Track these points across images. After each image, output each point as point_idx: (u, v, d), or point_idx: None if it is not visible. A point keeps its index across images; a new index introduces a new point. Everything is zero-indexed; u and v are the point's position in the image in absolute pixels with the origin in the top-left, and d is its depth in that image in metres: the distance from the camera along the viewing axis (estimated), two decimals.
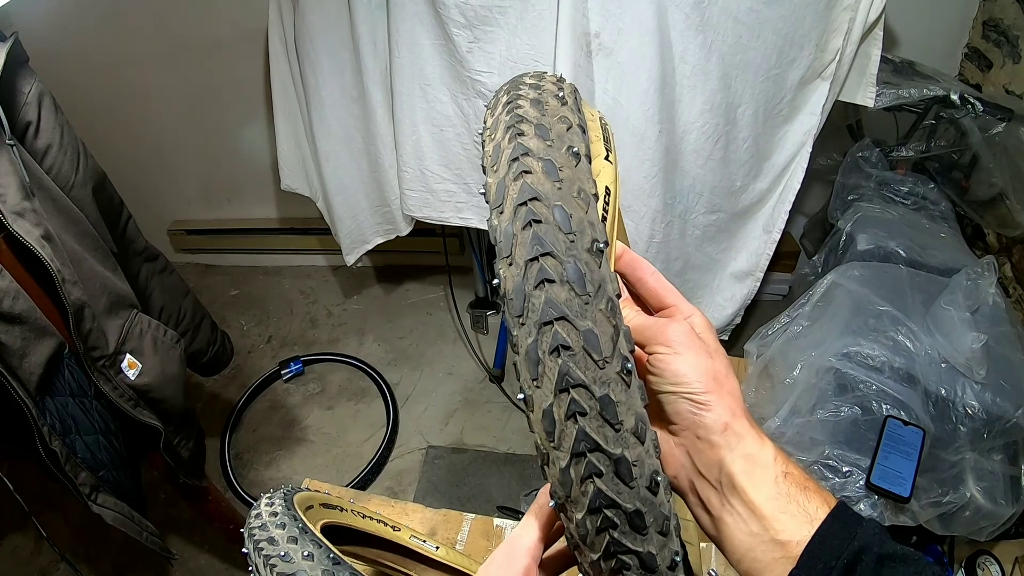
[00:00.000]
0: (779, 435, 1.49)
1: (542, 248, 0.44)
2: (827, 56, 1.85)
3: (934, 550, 1.50)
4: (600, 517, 0.44)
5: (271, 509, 0.79)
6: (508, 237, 0.45)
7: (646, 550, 0.45)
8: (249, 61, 2.63)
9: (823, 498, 0.48)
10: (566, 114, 0.51)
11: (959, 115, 1.96)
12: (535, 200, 0.45)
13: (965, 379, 1.44)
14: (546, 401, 0.43)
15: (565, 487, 0.44)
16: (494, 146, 0.50)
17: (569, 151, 0.48)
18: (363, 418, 2.71)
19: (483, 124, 0.56)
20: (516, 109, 0.51)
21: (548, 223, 0.44)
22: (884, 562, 0.45)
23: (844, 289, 1.65)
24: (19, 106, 1.31)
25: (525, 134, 0.49)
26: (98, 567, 2.27)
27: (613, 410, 0.43)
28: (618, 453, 0.43)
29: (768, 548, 0.47)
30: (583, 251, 0.44)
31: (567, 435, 0.43)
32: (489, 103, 0.58)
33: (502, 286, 0.45)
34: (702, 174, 1.95)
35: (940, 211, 2.10)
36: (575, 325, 0.43)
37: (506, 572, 0.49)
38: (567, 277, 0.43)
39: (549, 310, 0.43)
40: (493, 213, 0.47)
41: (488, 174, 0.50)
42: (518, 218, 0.45)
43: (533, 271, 0.44)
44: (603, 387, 0.43)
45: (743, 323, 2.36)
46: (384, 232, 2.46)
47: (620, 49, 1.70)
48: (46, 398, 1.28)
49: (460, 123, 1.95)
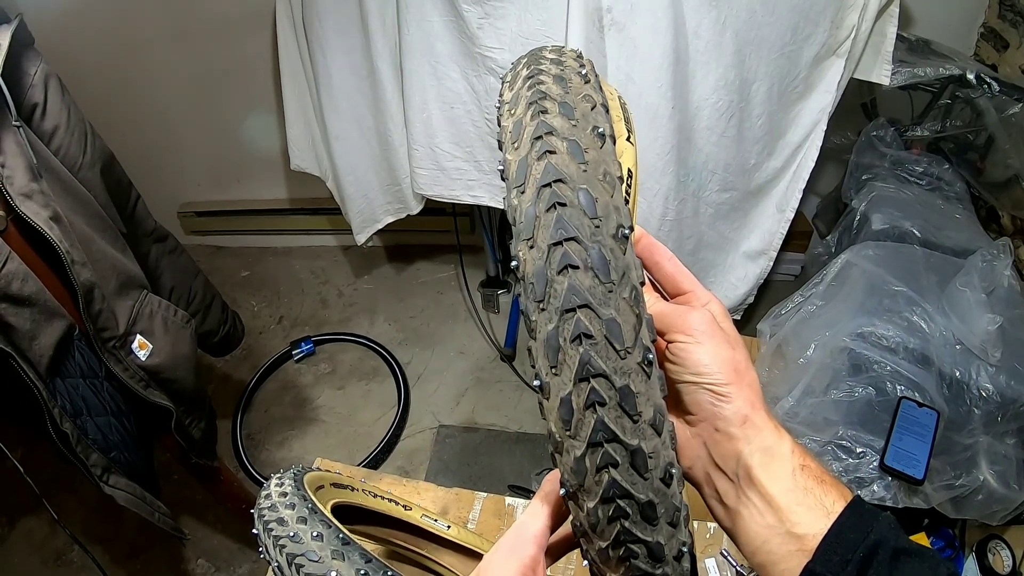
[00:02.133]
0: (792, 415, 1.48)
1: (566, 232, 0.42)
2: (842, 33, 1.82)
3: (946, 533, 1.49)
4: (613, 507, 0.43)
5: (281, 489, 0.79)
6: (530, 218, 0.44)
7: (655, 540, 0.44)
8: (257, 40, 2.61)
9: (840, 491, 0.48)
10: (590, 92, 0.50)
11: (975, 95, 1.94)
12: (559, 182, 0.44)
13: (980, 361, 1.43)
14: (564, 389, 0.42)
15: (579, 476, 0.43)
16: (515, 122, 0.48)
17: (594, 132, 0.47)
18: (374, 398, 2.72)
19: (500, 98, 0.54)
20: (538, 85, 0.50)
21: (573, 206, 0.43)
22: (900, 556, 0.44)
23: (858, 269, 1.63)
24: (25, 88, 1.30)
25: (548, 112, 0.47)
26: (112, 548, 2.30)
27: (632, 401, 0.42)
28: (635, 444, 0.42)
29: (783, 540, 0.47)
30: (608, 237, 0.43)
31: (584, 424, 0.42)
32: (506, 76, 0.56)
33: (521, 268, 0.44)
34: (715, 152, 1.93)
35: (955, 192, 2.08)
36: (598, 313, 0.42)
37: (513, 560, 0.49)
38: (591, 264, 0.42)
39: (572, 297, 0.42)
40: (513, 192, 0.46)
41: (507, 151, 0.48)
42: (541, 200, 0.44)
43: (557, 256, 0.42)
44: (623, 377, 0.42)
45: (755, 303, 2.34)
46: (394, 211, 2.45)
47: (632, 24, 1.68)
48: (56, 380, 1.28)
49: (471, 100, 1.94)
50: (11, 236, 1.20)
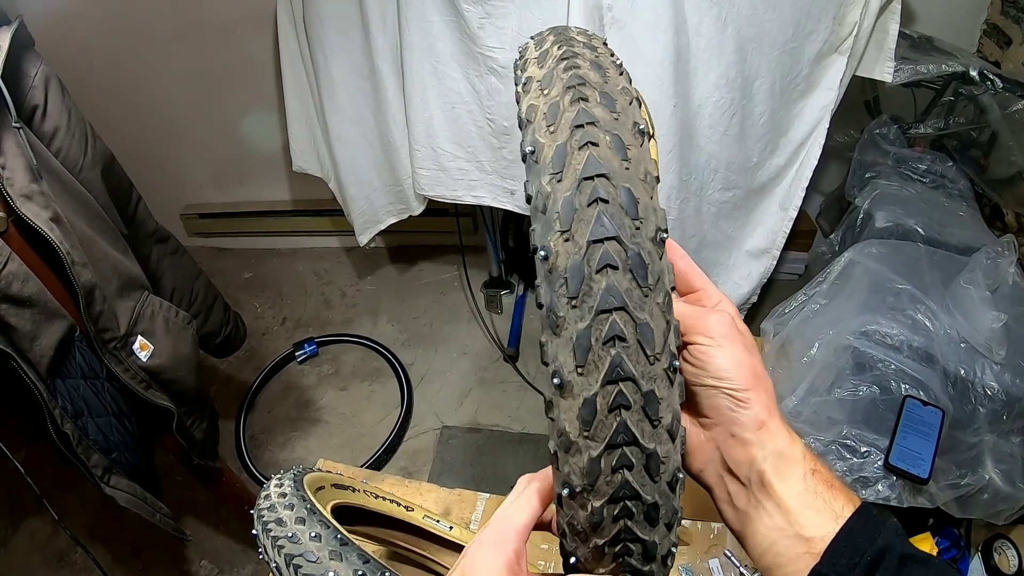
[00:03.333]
0: (796, 414, 1.47)
1: (608, 231, 0.41)
2: (844, 30, 1.81)
3: (951, 533, 1.48)
4: (619, 506, 0.43)
5: (280, 490, 0.79)
6: (568, 210, 0.42)
7: (651, 539, 0.45)
8: (258, 41, 2.61)
9: (848, 497, 0.48)
10: (626, 86, 0.49)
11: (978, 92, 1.93)
12: (603, 177, 0.42)
13: (985, 359, 1.42)
14: (590, 390, 0.41)
15: (591, 476, 0.43)
16: (550, 104, 0.46)
17: (635, 128, 0.46)
18: (377, 398, 2.72)
19: (521, 72, 0.53)
20: (575, 69, 0.48)
21: (615, 204, 0.42)
22: (907, 562, 0.45)
23: (862, 267, 1.62)
24: (25, 89, 1.31)
25: (589, 100, 0.46)
26: (115, 547, 2.30)
27: (655, 406, 0.42)
28: (651, 448, 0.43)
29: (792, 543, 0.47)
30: (647, 239, 0.43)
31: (605, 426, 0.42)
32: (527, 50, 0.55)
33: (552, 260, 0.43)
34: (718, 150, 1.92)
35: (958, 189, 2.07)
36: (633, 317, 0.41)
37: (499, 555, 0.48)
38: (631, 265, 0.42)
39: (609, 298, 0.41)
40: (546, 177, 0.44)
41: (538, 132, 0.46)
42: (582, 192, 0.42)
43: (596, 254, 0.41)
44: (650, 382, 0.42)
45: (759, 302, 2.34)
46: (397, 212, 2.45)
47: (633, 22, 1.68)
48: (57, 380, 1.28)
49: (472, 100, 1.93)
50: (12, 237, 1.20)
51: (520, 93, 0.51)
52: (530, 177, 0.46)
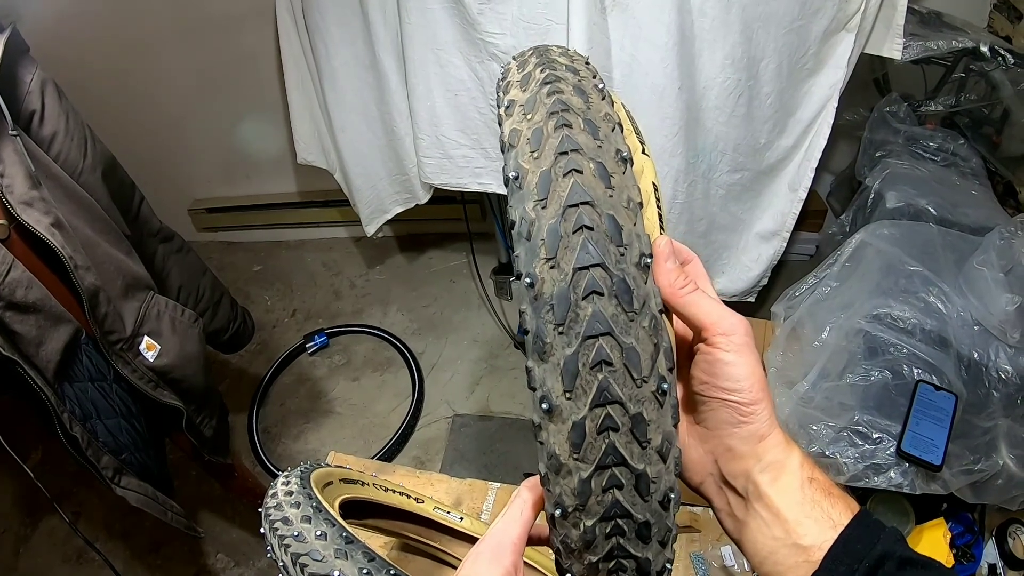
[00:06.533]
0: (808, 400, 1.46)
1: (593, 258, 0.42)
2: (852, 6, 1.78)
3: (965, 519, 1.46)
4: (611, 525, 0.44)
5: (287, 488, 0.80)
6: (553, 237, 0.43)
7: (645, 556, 0.46)
8: (259, 35, 2.60)
9: (846, 504, 0.48)
10: (608, 111, 0.50)
11: (989, 68, 1.90)
12: (587, 204, 0.43)
13: (999, 342, 1.40)
14: (578, 414, 0.42)
15: (582, 497, 0.43)
16: (533, 129, 0.47)
17: (618, 155, 0.47)
18: (389, 388, 2.73)
19: (503, 94, 0.53)
20: (558, 94, 0.49)
21: (599, 231, 0.43)
22: (906, 567, 0.45)
23: (873, 248, 1.60)
24: (22, 95, 1.30)
25: (572, 127, 0.46)
26: (133, 543, 2.33)
27: (644, 428, 0.43)
28: (640, 469, 0.43)
29: (790, 552, 0.47)
30: (631, 265, 0.44)
31: (594, 448, 0.43)
32: (509, 72, 0.55)
33: (538, 287, 0.43)
34: (725, 131, 1.91)
35: (971, 167, 2.03)
36: (619, 341, 0.42)
37: (496, 567, 0.49)
38: (616, 291, 0.42)
39: (596, 324, 0.42)
40: (531, 203, 0.45)
41: (521, 157, 0.47)
42: (567, 220, 0.43)
43: (582, 281, 0.42)
44: (638, 405, 0.43)
45: (770, 284, 2.31)
46: (403, 201, 2.45)
47: (636, 3, 1.66)
48: (64, 384, 1.28)
49: (475, 87, 1.92)
50: (14, 244, 1.21)
51: (502, 116, 0.52)
52: (513, 202, 0.46)
